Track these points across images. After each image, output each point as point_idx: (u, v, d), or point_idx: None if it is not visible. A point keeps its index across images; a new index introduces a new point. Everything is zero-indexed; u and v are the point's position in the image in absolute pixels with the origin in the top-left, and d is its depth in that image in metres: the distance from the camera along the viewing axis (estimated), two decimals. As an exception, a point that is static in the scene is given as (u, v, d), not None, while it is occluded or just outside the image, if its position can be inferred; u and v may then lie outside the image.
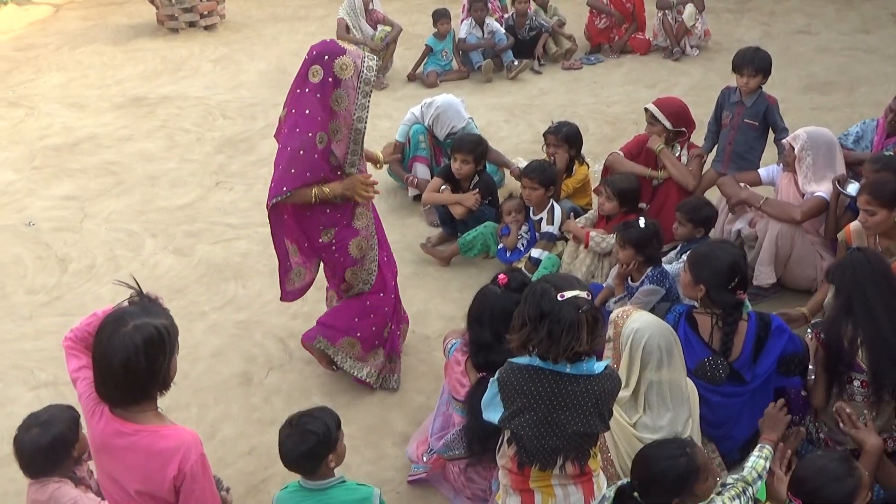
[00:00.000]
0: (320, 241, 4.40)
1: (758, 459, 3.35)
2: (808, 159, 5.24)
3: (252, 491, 4.21)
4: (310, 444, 3.31)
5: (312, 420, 3.36)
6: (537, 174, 5.73)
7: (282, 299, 4.70)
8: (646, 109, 5.91)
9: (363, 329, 4.65)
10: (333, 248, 4.42)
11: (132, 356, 2.64)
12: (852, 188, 5.07)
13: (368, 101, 4.16)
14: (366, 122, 4.23)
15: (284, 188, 4.13)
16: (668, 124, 5.80)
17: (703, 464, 3.07)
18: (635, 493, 3.06)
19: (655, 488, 3.03)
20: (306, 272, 4.60)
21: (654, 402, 3.63)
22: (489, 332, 3.75)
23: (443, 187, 6.26)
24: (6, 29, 12.44)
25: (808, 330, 4.11)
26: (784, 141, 5.46)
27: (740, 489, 3.19)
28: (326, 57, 4.06)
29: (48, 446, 3.40)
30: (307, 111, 4.07)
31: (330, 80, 4.05)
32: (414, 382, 4.91)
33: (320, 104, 4.06)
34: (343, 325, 4.65)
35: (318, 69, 4.06)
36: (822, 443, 3.89)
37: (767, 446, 3.44)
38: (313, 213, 4.33)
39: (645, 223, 4.81)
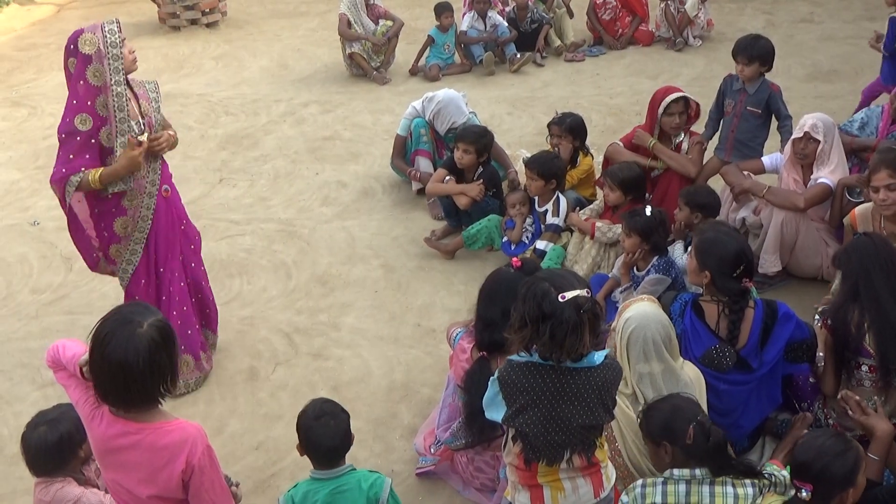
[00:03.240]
0: (94, 213, 4.55)
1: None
2: (826, 145, 5.21)
3: (261, 486, 4.22)
4: (340, 439, 3.39)
5: (335, 416, 3.42)
6: (537, 165, 5.72)
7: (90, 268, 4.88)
8: (676, 101, 5.73)
9: None
10: (102, 223, 4.55)
11: (155, 354, 2.62)
12: (859, 194, 5.07)
13: (120, 64, 4.27)
14: (125, 86, 4.31)
15: (63, 170, 4.31)
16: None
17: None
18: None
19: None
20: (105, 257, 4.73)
21: (650, 393, 3.59)
22: (499, 309, 3.72)
23: (447, 178, 6.25)
24: (8, 29, 12.45)
25: (817, 317, 4.09)
26: (801, 134, 5.22)
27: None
28: (72, 46, 4.24)
29: (55, 445, 3.40)
30: (73, 101, 4.28)
31: (77, 60, 4.23)
32: (420, 375, 4.91)
33: (80, 86, 4.24)
34: None
35: (72, 60, 4.26)
36: (832, 429, 3.87)
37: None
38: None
39: (651, 211, 4.80)
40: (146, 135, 4.38)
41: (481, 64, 9.76)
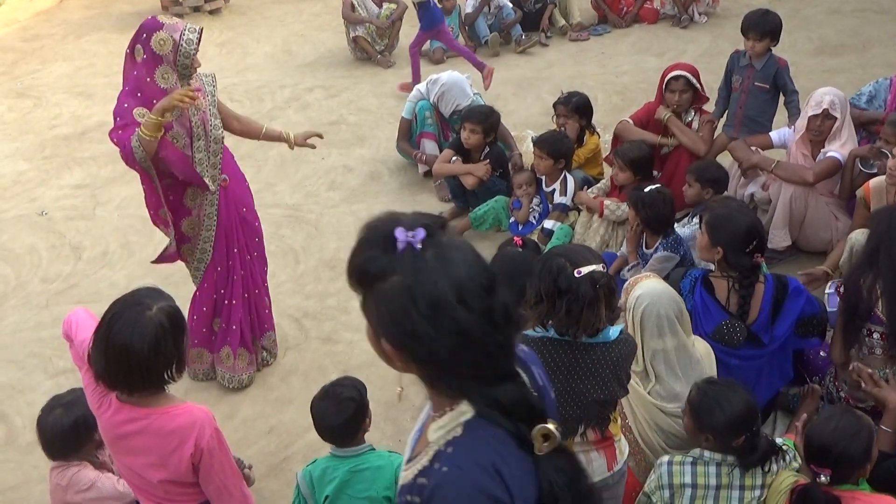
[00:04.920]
0: (159, 213, 4.41)
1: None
2: (840, 121, 5.17)
3: (274, 470, 4.23)
4: (349, 412, 3.33)
5: (346, 388, 3.39)
6: (547, 145, 5.70)
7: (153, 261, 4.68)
8: (675, 78, 5.72)
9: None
10: (170, 224, 4.41)
11: (161, 338, 2.61)
12: (873, 167, 5.02)
13: (187, 72, 4.14)
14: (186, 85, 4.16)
15: (120, 131, 4.11)
16: (699, 87, 5.77)
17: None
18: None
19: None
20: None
21: (662, 370, 3.60)
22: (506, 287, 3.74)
23: (453, 159, 6.24)
24: (11, 20, 12.43)
25: (831, 285, 4.08)
26: (820, 111, 5.15)
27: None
28: (145, 35, 4.05)
29: (70, 427, 3.42)
30: (127, 87, 4.13)
31: (147, 57, 4.05)
32: (430, 357, 4.90)
33: (143, 82, 4.07)
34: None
35: (139, 48, 4.08)
36: (843, 402, 3.87)
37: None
38: (150, 188, 4.32)
39: (653, 189, 4.78)
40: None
41: (486, 45, 9.72)
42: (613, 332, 2.97)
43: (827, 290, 4.51)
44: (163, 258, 4.59)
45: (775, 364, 3.96)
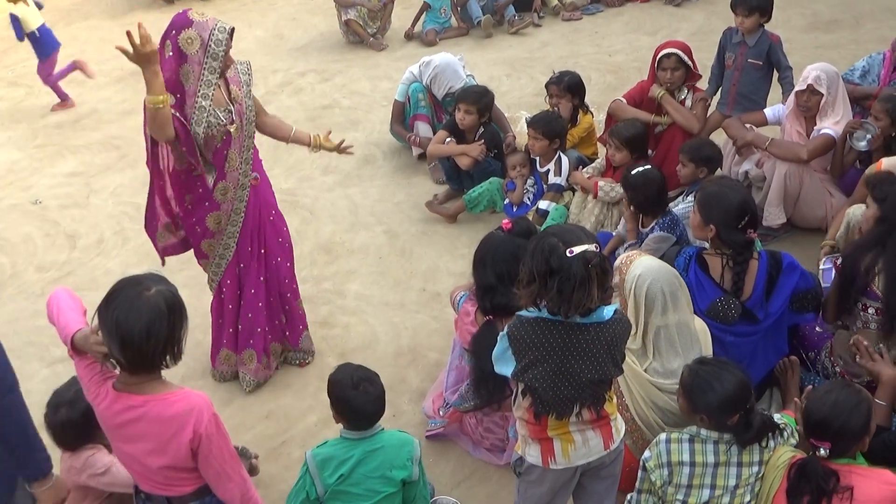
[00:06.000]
0: (184, 204, 4.28)
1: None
2: (829, 97, 5.16)
3: (272, 454, 4.25)
4: (382, 401, 3.45)
5: (372, 376, 3.49)
6: (542, 125, 5.69)
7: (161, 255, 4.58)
8: (667, 56, 5.73)
9: (214, 329, 4.66)
10: (194, 217, 4.28)
11: (156, 320, 2.62)
12: (863, 144, 5.01)
13: (215, 78, 3.98)
14: (211, 100, 3.99)
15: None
16: (691, 65, 5.76)
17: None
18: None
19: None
20: (174, 230, 4.47)
21: (663, 347, 3.62)
22: (493, 274, 3.79)
23: (448, 140, 6.22)
24: (1, 9, 12.34)
25: (826, 260, 4.09)
26: (805, 86, 5.18)
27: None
28: (174, 31, 3.92)
29: (80, 420, 3.42)
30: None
31: (172, 54, 3.91)
32: (427, 339, 4.92)
33: (170, 82, 3.90)
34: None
35: (168, 44, 3.93)
36: (839, 377, 3.88)
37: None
38: (177, 177, 4.21)
39: (645, 170, 4.75)
40: (235, 126, 4.13)
41: (479, 26, 9.69)
42: (608, 311, 2.97)
43: (821, 266, 4.52)
44: (166, 249, 4.52)
45: (770, 340, 3.97)
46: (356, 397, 3.39)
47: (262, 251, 4.48)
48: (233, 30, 4.01)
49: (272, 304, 4.60)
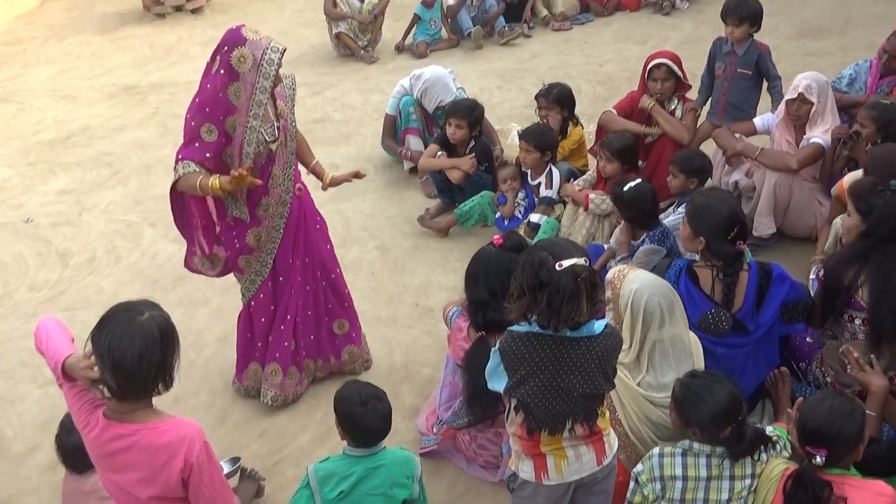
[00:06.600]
0: (226, 220, 4.24)
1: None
2: (819, 106, 5.19)
3: (266, 474, 4.21)
4: (388, 421, 3.46)
5: (379, 394, 3.49)
6: (533, 137, 5.70)
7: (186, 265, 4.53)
8: (657, 66, 5.74)
9: (241, 342, 4.61)
10: (233, 232, 4.24)
11: (148, 345, 2.62)
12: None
13: (266, 98, 3.96)
14: (261, 119, 3.99)
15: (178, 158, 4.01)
16: (681, 75, 5.78)
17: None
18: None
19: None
20: (216, 261, 4.42)
21: (658, 360, 3.62)
22: (485, 290, 3.79)
23: (439, 153, 6.23)
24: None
25: (814, 271, 4.10)
26: (795, 95, 5.20)
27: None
28: (226, 48, 3.89)
29: None
30: (197, 100, 3.96)
31: (224, 71, 3.88)
32: (420, 355, 4.92)
33: (214, 96, 3.89)
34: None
35: (218, 60, 3.90)
36: (830, 387, 3.89)
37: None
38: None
39: (636, 185, 4.75)
40: (278, 142, 4.11)
41: (469, 38, 9.71)
42: (598, 325, 2.98)
43: (811, 276, 4.54)
44: (192, 266, 4.49)
45: (761, 351, 3.98)
46: (364, 414, 3.39)
47: (307, 260, 4.45)
48: (285, 50, 4.02)
49: (309, 318, 4.54)
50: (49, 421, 4.51)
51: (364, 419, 3.39)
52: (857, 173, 4.72)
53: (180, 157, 3.98)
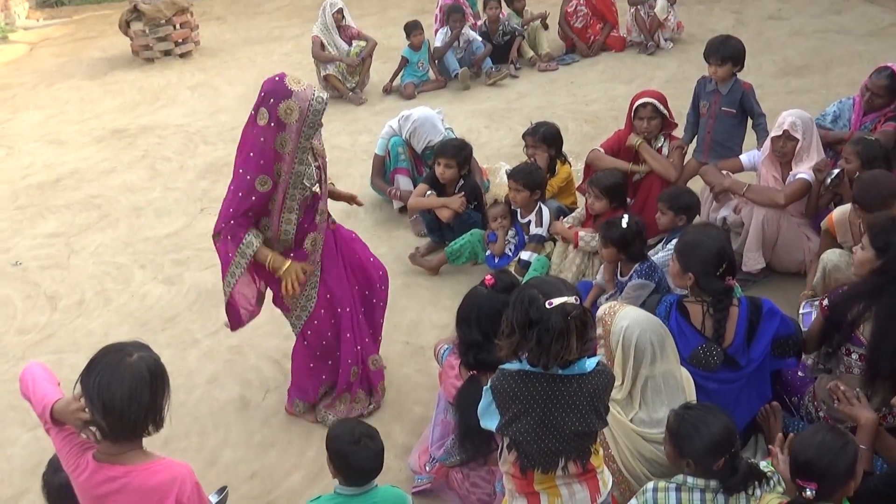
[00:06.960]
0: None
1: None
2: (804, 142, 5.25)
3: (258, 514, 4.20)
4: (381, 459, 3.47)
5: (371, 432, 3.50)
6: (522, 176, 5.74)
7: (233, 329, 4.63)
8: (643, 105, 5.80)
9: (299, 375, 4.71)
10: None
11: (138, 386, 2.61)
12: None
13: (310, 144, 4.09)
14: (308, 164, 4.14)
15: (222, 224, 4.14)
16: (667, 114, 5.84)
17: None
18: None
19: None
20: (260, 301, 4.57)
21: (650, 396, 3.62)
22: (478, 331, 3.80)
23: (428, 193, 6.26)
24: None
25: (805, 305, 4.11)
26: (780, 132, 5.26)
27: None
28: (272, 100, 3.98)
29: None
30: (251, 153, 4.04)
31: (273, 124, 3.98)
32: (412, 393, 4.90)
33: (264, 148, 4.00)
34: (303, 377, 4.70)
35: (264, 112, 3.99)
36: (823, 421, 3.89)
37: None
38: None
39: (628, 222, 4.77)
40: (318, 184, 4.28)
41: (456, 79, 9.81)
42: (590, 363, 2.99)
43: (801, 311, 4.56)
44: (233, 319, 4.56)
45: (753, 386, 3.98)
46: (356, 452, 3.38)
47: (356, 287, 4.63)
48: (327, 101, 4.12)
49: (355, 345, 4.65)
50: (37, 465, 4.44)
51: (356, 458, 3.38)
52: (845, 208, 4.77)
53: (234, 222, 4.12)
